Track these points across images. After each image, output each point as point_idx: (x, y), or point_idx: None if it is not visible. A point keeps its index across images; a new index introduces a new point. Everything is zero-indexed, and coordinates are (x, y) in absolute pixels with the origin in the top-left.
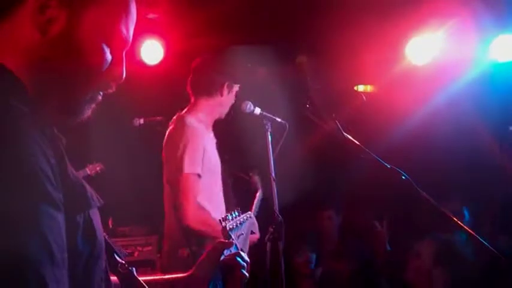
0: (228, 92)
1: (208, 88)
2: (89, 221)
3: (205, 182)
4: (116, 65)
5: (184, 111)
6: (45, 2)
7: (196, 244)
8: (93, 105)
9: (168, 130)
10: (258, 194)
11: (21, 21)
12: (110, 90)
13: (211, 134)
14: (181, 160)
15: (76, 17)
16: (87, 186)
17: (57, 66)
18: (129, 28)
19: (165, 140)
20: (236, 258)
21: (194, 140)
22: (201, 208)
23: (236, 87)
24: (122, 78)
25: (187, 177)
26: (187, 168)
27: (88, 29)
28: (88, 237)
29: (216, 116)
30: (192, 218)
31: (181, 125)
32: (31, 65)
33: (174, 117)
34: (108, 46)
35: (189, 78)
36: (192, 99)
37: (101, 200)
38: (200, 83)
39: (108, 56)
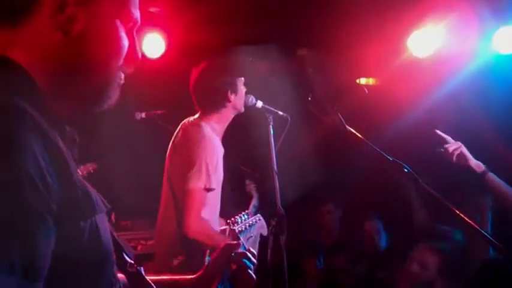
0: (235, 94)
1: (214, 104)
2: (95, 227)
3: (215, 193)
4: (131, 45)
5: (196, 117)
6: (63, 1)
7: (187, 254)
8: (118, 90)
9: (182, 134)
10: (253, 202)
11: (40, 21)
12: (129, 71)
13: (220, 143)
14: (199, 171)
15: (94, 10)
16: (93, 191)
17: (84, 61)
18: (137, 7)
19: (179, 143)
20: (242, 260)
21: (213, 152)
22: (202, 219)
23: (241, 82)
24: (139, 57)
25: (199, 190)
26: (204, 180)
27: (106, 20)
28: (93, 243)
29: (232, 117)
30: (193, 229)
31: (200, 134)
32: (53, 63)
33: (186, 123)
34: (123, 30)
35: (192, 94)
36: (201, 112)
37: (108, 205)
38: (203, 101)
39: (126, 40)
